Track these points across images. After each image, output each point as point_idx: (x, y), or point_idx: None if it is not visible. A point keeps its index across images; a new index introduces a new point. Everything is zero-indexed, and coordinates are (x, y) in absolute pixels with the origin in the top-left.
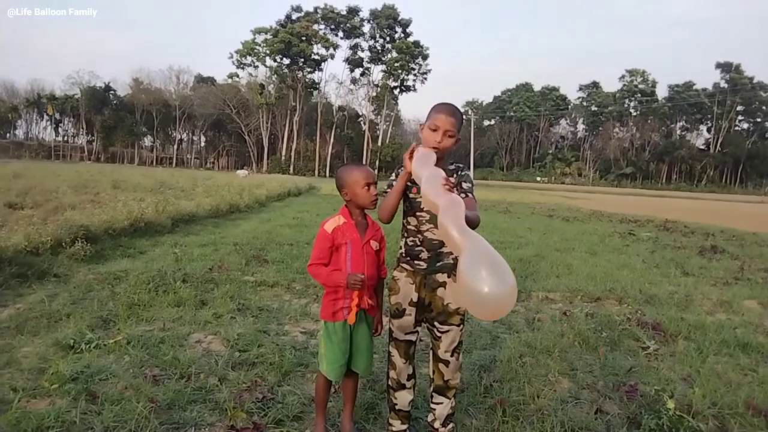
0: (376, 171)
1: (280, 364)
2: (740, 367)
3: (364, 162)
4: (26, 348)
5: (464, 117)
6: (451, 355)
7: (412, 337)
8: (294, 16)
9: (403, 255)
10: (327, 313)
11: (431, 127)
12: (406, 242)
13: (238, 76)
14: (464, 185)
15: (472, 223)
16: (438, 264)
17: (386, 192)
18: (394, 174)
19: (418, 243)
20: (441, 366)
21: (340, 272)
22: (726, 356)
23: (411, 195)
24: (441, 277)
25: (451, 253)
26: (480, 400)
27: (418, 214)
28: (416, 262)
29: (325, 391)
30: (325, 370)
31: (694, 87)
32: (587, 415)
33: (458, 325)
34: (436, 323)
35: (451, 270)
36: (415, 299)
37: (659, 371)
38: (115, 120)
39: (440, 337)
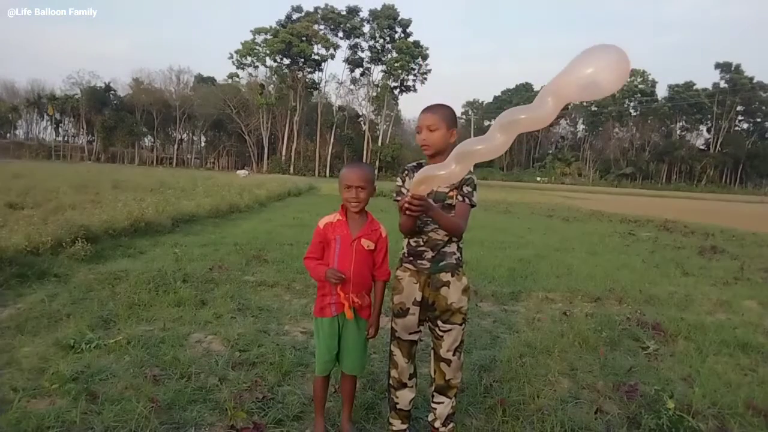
0: (375, 171)
1: (280, 364)
2: (740, 367)
3: (363, 162)
4: (26, 348)
5: (465, 117)
6: (453, 354)
7: (415, 337)
8: (294, 16)
9: (406, 255)
10: (316, 309)
11: (417, 131)
12: (408, 242)
13: (238, 76)
14: (465, 188)
15: (452, 231)
16: (441, 263)
17: (397, 200)
18: (399, 178)
19: (422, 243)
20: (443, 365)
21: (324, 266)
22: (726, 356)
23: None
24: (445, 276)
25: (454, 253)
26: (480, 400)
27: (422, 216)
28: (420, 261)
29: (321, 389)
30: (315, 365)
31: (694, 87)
32: (587, 415)
33: (460, 324)
34: (438, 322)
35: (454, 269)
36: (419, 299)
37: (659, 371)
38: (116, 120)
39: (442, 336)
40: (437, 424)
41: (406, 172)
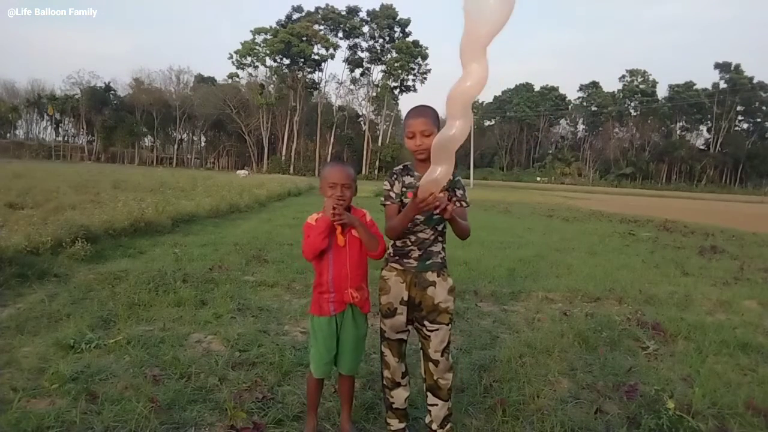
0: (375, 171)
1: (280, 364)
2: (740, 367)
3: (363, 162)
4: (26, 348)
5: None
6: (441, 355)
7: (404, 336)
8: (294, 16)
9: (392, 255)
10: (315, 307)
11: (408, 135)
12: (395, 243)
13: (238, 76)
14: (458, 192)
15: (464, 234)
16: (428, 262)
17: (384, 204)
18: (387, 183)
19: (409, 243)
20: (431, 366)
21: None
22: (726, 356)
23: (405, 200)
24: (431, 276)
25: (440, 252)
26: (480, 400)
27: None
28: (406, 260)
29: (315, 390)
30: (311, 367)
31: (694, 87)
32: (587, 415)
33: (447, 324)
34: (425, 322)
35: (440, 269)
36: (405, 298)
37: (659, 371)
38: (116, 120)
39: (429, 336)
40: (434, 426)
41: (394, 176)
